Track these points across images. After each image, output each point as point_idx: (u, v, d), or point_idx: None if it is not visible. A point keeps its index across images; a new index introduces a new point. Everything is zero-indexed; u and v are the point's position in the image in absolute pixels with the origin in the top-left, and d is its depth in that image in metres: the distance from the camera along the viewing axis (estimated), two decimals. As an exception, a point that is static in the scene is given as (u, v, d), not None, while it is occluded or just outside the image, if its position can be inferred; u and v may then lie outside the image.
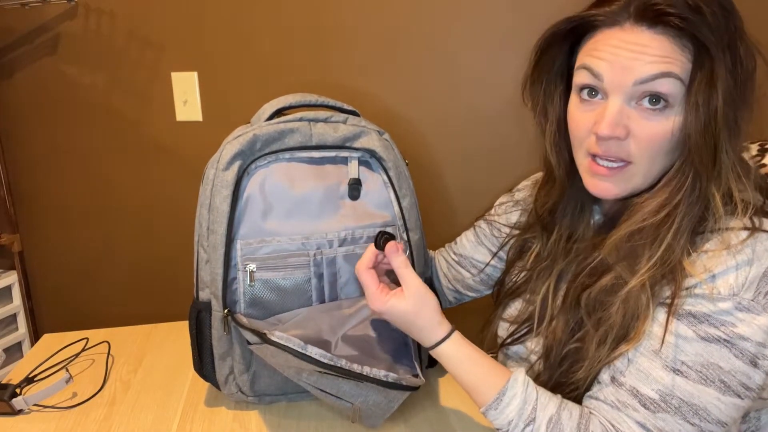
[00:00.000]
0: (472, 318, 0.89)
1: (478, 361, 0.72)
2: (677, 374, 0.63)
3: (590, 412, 0.67)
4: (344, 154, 0.87)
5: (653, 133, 0.65)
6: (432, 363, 0.94)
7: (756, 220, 0.63)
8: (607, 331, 0.68)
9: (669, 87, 0.63)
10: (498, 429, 0.70)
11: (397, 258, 0.74)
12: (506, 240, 0.90)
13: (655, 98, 0.64)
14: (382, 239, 0.75)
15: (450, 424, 0.87)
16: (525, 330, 0.82)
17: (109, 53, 1.35)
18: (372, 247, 0.76)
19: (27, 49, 1.38)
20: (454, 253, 1.00)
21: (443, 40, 1.22)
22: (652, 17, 0.63)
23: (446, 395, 0.93)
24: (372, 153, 0.87)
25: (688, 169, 0.65)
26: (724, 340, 0.61)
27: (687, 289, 0.63)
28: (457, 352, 0.73)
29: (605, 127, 0.66)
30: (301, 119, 0.86)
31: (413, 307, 0.73)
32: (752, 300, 0.60)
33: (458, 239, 1.01)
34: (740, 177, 0.64)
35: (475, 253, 0.97)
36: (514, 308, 0.86)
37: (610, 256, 0.70)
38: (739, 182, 0.64)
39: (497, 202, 0.97)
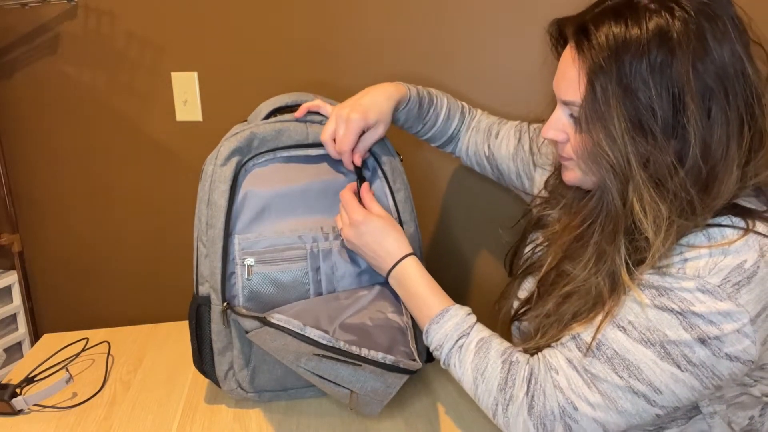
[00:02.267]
0: (487, 291, 0.90)
1: (432, 282, 0.81)
2: (620, 330, 0.65)
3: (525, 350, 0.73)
4: None
5: (577, 143, 0.69)
6: (430, 358, 0.95)
7: (750, 222, 0.63)
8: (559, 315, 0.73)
9: (577, 114, 0.68)
10: (433, 350, 0.76)
11: (368, 194, 0.87)
12: (529, 208, 0.93)
13: (576, 119, 0.69)
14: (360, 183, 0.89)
15: (447, 419, 0.87)
16: (528, 307, 0.84)
17: (109, 53, 1.35)
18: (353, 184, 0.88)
19: (27, 49, 1.38)
20: (489, 148, 1.01)
21: (442, 40, 1.22)
22: (576, 40, 0.66)
23: (444, 392, 0.93)
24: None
25: (603, 184, 0.67)
26: (677, 311, 0.62)
27: (659, 267, 0.64)
28: (419, 269, 0.81)
29: (543, 130, 0.74)
30: (297, 119, 0.88)
31: (388, 220, 0.84)
32: (718, 286, 0.60)
33: (500, 137, 1.00)
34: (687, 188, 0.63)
35: (503, 163, 0.99)
36: (527, 285, 0.88)
37: (556, 255, 0.77)
38: (706, 194, 0.63)
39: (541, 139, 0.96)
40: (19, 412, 0.91)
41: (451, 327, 0.75)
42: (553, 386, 0.67)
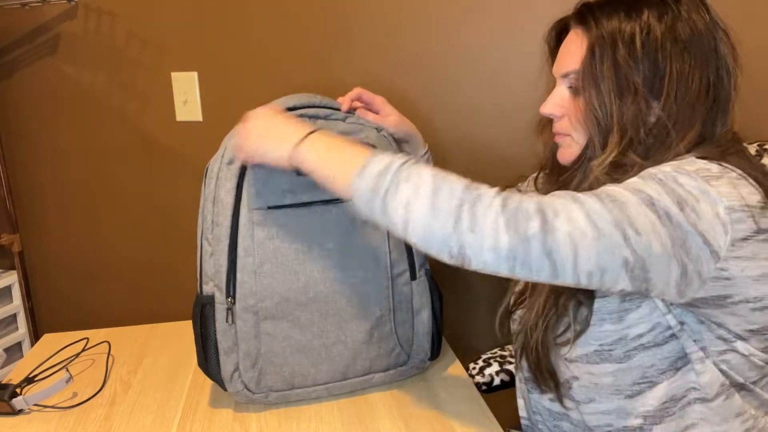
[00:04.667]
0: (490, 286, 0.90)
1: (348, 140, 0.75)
2: (612, 182, 0.70)
3: None
4: None
5: (575, 112, 0.78)
6: (434, 355, 0.96)
7: (725, 165, 0.69)
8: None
9: (573, 81, 0.78)
10: (377, 175, 0.66)
11: None
12: None
13: (572, 86, 0.79)
14: None
15: (448, 421, 0.87)
16: (524, 297, 0.86)
17: (109, 53, 1.35)
18: None
19: (27, 49, 1.38)
20: None
21: (445, 41, 1.22)
22: (576, 16, 0.78)
23: (446, 395, 0.93)
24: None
25: (589, 140, 0.78)
26: (660, 179, 0.67)
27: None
28: (331, 135, 0.76)
29: (542, 107, 0.83)
30: (301, 117, 0.88)
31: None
32: (694, 171, 0.67)
33: None
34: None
35: None
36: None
37: None
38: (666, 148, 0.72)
39: (531, 176, 1.02)
40: (19, 412, 0.91)
41: (397, 155, 0.69)
42: (529, 197, 0.64)
